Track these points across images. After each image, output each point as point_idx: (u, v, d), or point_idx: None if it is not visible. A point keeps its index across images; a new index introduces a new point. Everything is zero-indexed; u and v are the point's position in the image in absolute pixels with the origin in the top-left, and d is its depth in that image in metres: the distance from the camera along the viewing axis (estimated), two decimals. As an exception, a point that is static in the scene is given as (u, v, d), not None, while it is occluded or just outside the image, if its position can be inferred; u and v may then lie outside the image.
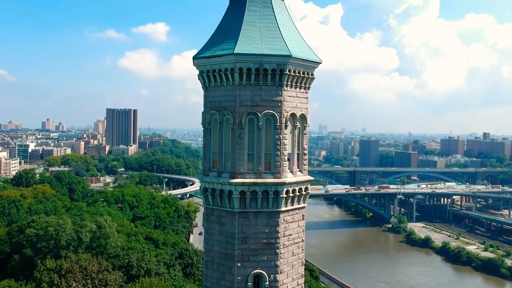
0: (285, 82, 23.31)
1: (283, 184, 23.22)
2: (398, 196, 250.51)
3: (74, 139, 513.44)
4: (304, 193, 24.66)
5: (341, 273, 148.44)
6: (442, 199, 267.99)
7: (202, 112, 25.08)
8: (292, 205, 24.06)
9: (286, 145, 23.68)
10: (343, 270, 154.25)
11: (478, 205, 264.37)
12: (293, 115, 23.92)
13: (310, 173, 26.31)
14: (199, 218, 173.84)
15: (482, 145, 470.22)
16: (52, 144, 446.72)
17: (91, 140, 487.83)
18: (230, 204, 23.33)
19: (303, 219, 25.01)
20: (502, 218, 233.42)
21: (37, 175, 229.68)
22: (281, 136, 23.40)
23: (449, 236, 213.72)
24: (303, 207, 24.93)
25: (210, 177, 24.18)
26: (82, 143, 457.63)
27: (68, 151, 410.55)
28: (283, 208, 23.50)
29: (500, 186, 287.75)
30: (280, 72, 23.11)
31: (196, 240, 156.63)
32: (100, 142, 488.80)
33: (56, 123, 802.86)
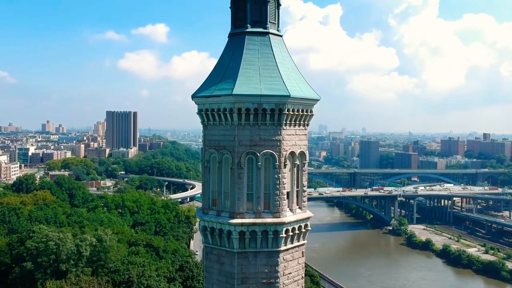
0: (284, 121, 23.19)
1: (283, 224, 23.05)
2: (399, 198, 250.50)
3: (74, 141, 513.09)
4: (303, 230, 24.52)
5: (342, 278, 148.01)
6: (442, 201, 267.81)
7: (201, 149, 25.02)
8: (292, 243, 23.89)
9: (285, 184, 23.54)
10: (344, 275, 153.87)
11: (478, 207, 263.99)
12: (292, 153, 23.77)
13: (310, 174, 26.14)
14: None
15: (482, 145, 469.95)
16: (52, 147, 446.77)
17: (91, 143, 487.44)
18: (230, 244, 23.19)
19: (302, 256, 24.86)
20: (503, 220, 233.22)
21: (38, 179, 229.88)
22: (280, 175, 23.25)
23: (450, 238, 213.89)
24: (303, 244, 24.80)
25: (209, 216, 24.03)
26: (82, 146, 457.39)
27: (69, 154, 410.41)
28: (283, 248, 23.33)
29: (499, 187, 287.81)
30: (279, 111, 22.95)
31: (197, 246, 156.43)
32: (100, 144, 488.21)
33: (56, 125, 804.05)
